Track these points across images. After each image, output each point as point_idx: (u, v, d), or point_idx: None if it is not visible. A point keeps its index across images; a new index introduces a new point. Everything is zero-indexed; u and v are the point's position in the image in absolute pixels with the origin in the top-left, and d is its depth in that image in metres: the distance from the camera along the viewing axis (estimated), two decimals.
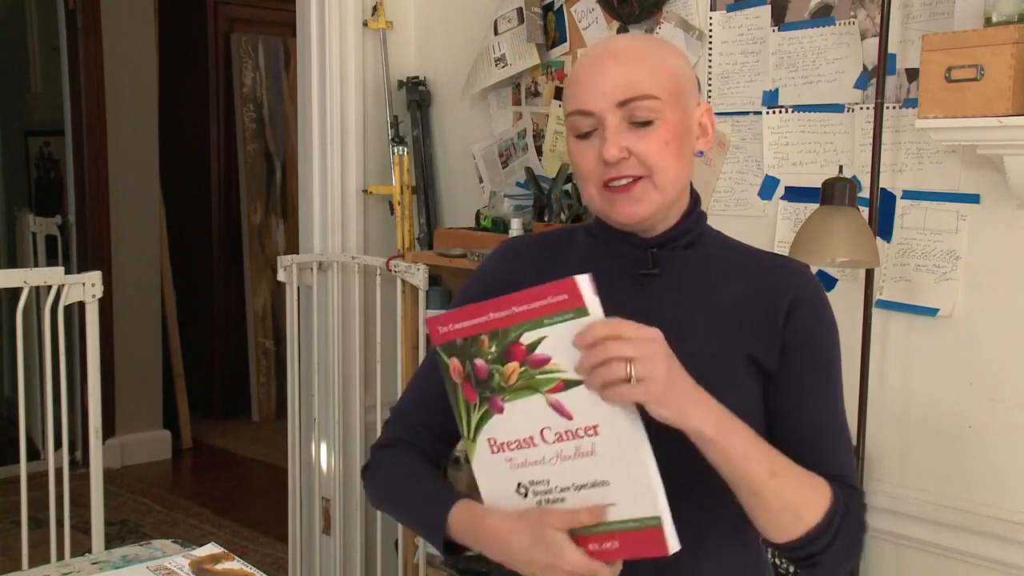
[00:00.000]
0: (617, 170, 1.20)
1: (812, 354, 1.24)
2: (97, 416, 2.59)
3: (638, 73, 1.19)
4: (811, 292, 1.26)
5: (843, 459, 1.24)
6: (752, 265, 1.29)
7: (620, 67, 1.19)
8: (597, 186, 1.22)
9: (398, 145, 2.97)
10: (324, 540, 3.05)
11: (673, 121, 1.20)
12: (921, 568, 2.04)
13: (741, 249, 1.33)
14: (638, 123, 1.19)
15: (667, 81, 1.20)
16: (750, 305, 1.24)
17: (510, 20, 2.72)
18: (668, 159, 1.20)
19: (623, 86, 1.18)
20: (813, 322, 1.25)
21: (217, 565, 1.50)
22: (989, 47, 1.67)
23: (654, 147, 1.19)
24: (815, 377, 1.24)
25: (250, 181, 5.65)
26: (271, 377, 5.76)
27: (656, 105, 1.19)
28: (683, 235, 1.28)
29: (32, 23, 5.19)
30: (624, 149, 1.19)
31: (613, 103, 1.19)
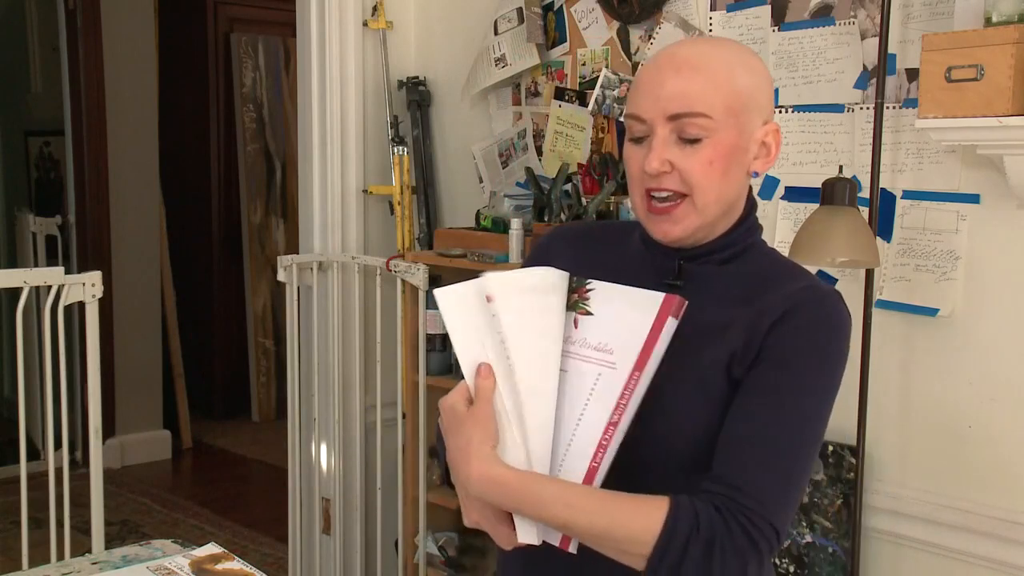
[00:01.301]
0: (658, 182, 1.18)
1: (777, 366, 1.13)
2: (97, 416, 2.59)
3: (696, 87, 1.15)
4: (805, 310, 1.16)
5: (758, 480, 1.08)
6: (773, 285, 1.20)
7: (678, 78, 1.16)
8: (640, 194, 1.20)
9: (398, 145, 2.97)
10: (324, 540, 3.05)
11: (725, 141, 1.16)
12: (921, 568, 2.04)
13: (778, 270, 1.24)
14: (687, 139, 1.16)
15: (725, 98, 1.16)
16: (746, 322, 1.17)
17: (510, 20, 2.72)
18: (711, 179, 1.17)
19: (676, 99, 1.15)
20: (791, 336, 1.14)
21: (217, 565, 1.50)
22: (989, 47, 1.67)
23: (698, 166, 1.16)
24: (768, 388, 1.13)
25: (250, 181, 5.65)
26: (271, 377, 5.76)
27: (707, 123, 1.15)
28: (721, 250, 1.23)
29: (32, 23, 5.19)
30: (667, 163, 1.16)
31: (664, 115, 1.16)
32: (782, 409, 1.12)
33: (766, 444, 1.10)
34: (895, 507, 2.06)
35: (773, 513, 1.08)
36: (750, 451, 1.10)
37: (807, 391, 1.14)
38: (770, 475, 1.09)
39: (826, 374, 1.16)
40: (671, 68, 1.17)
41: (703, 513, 1.07)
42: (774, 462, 1.10)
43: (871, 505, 2.08)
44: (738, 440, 1.11)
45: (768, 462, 1.10)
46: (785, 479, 1.10)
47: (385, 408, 2.84)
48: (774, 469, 1.10)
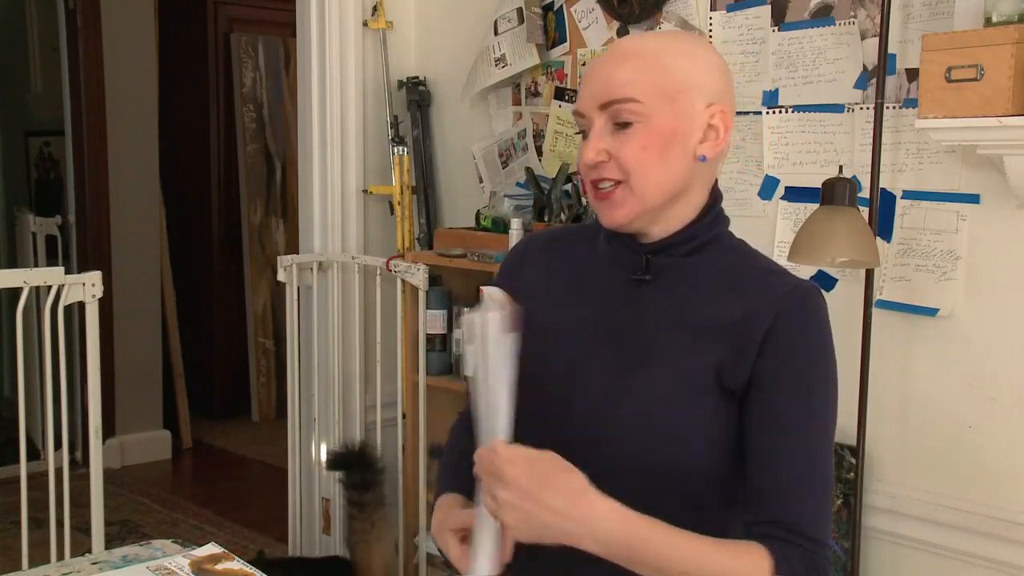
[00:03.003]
0: (597, 172, 1.19)
1: (789, 388, 1.15)
2: (97, 416, 2.59)
3: (625, 75, 1.17)
4: (795, 320, 1.16)
5: (807, 509, 1.14)
6: (750, 283, 1.20)
7: (610, 68, 1.18)
8: (589, 186, 1.22)
9: (398, 145, 2.97)
10: (324, 540, 3.05)
11: (659, 125, 1.16)
12: (921, 568, 2.04)
13: (749, 263, 1.25)
14: (619, 124, 1.17)
15: (657, 82, 1.16)
16: (734, 328, 1.16)
17: (510, 20, 2.72)
18: (645, 163, 1.17)
19: (606, 88, 1.17)
20: (794, 355, 1.15)
21: (217, 565, 1.50)
22: (989, 47, 1.67)
23: (631, 151, 1.17)
24: (788, 419, 1.15)
25: (250, 181, 5.65)
26: (271, 377, 5.76)
27: (637, 108, 1.16)
28: (685, 241, 1.23)
29: (32, 23, 5.19)
30: (603, 152, 1.18)
31: (596, 105, 1.18)
32: (810, 437, 1.16)
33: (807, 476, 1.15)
34: (895, 507, 2.06)
35: (827, 537, 1.17)
36: (798, 489, 1.15)
37: (821, 405, 1.17)
38: (817, 501, 1.16)
39: (830, 380, 1.19)
40: (606, 59, 1.20)
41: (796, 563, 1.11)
42: (818, 490, 1.16)
43: (871, 505, 2.08)
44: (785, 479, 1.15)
45: (815, 494, 1.16)
46: (826, 500, 1.18)
47: (385, 408, 2.84)
48: (818, 496, 1.16)
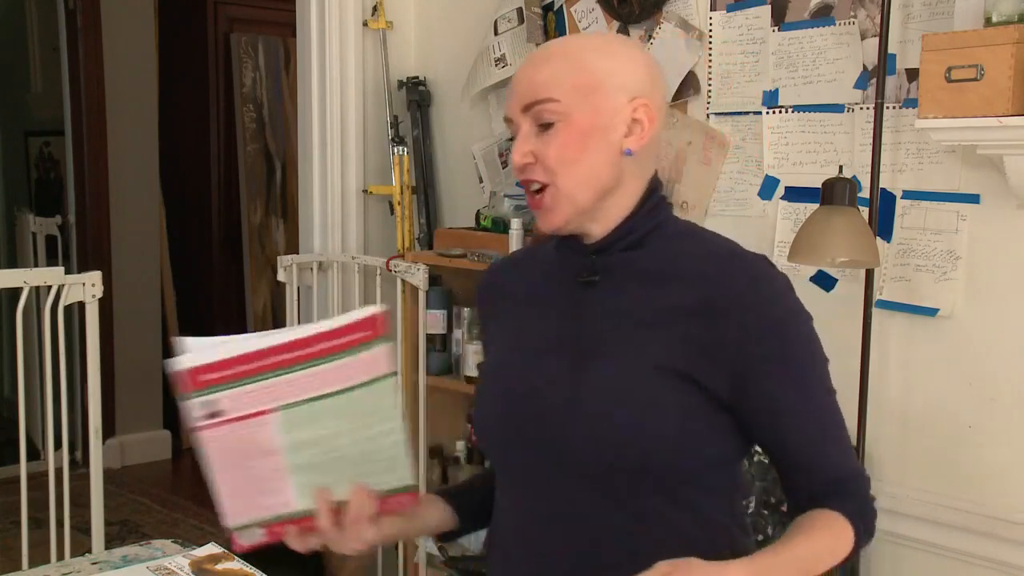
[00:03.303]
0: (525, 175, 1.21)
1: (782, 372, 1.18)
2: (97, 416, 2.59)
3: (543, 76, 1.19)
4: (757, 300, 1.17)
5: (841, 458, 1.22)
6: (702, 269, 1.20)
7: (531, 71, 1.20)
8: (524, 190, 1.24)
9: (398, 145, 2.97)
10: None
11: (579, 122, 1.18)
12: (921, 568, 2.04)
13: (700, 248, 1.24)
14: (542, 125, 1.19)
15: (574, 81, 1.18)
16: (690, 316, 1.17)
17: (510, 20, 2.72)
18: (569, 163, 1.18)
19: (527, 90, 1.19)
20: (768, 335, 1.16)
21: (217, 565, 1.50)
22: (989, 47, 1.67)
23: (554, 150, 1.18)
24: (789, 393, 1.18)
25: (250, 181, 5.64)
26: None
27: (556, 107, 1.17)
28: (625, 235, 1.23)
29: (32, 23, 5.19)
30: (529, 154, 1.19)
31: (520, 108, 1.20)
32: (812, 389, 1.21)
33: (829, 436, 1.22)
34: (895, 507, 2.06)
35: (856, 465, 1.26)
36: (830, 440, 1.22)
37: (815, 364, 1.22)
38: (843, 444, 1.23)
39: (813, 338, 1.22)
40: (527, 64, 1.22)
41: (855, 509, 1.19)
42: (839, 432, 1.24)
43: None
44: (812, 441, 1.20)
45: (839, 437, 1.23)
46: (846, 439, 1.25)
47: None
48: (840, 442, 1.24)
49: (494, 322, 1.36)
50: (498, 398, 1.27)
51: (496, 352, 1.34)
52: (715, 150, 2.34)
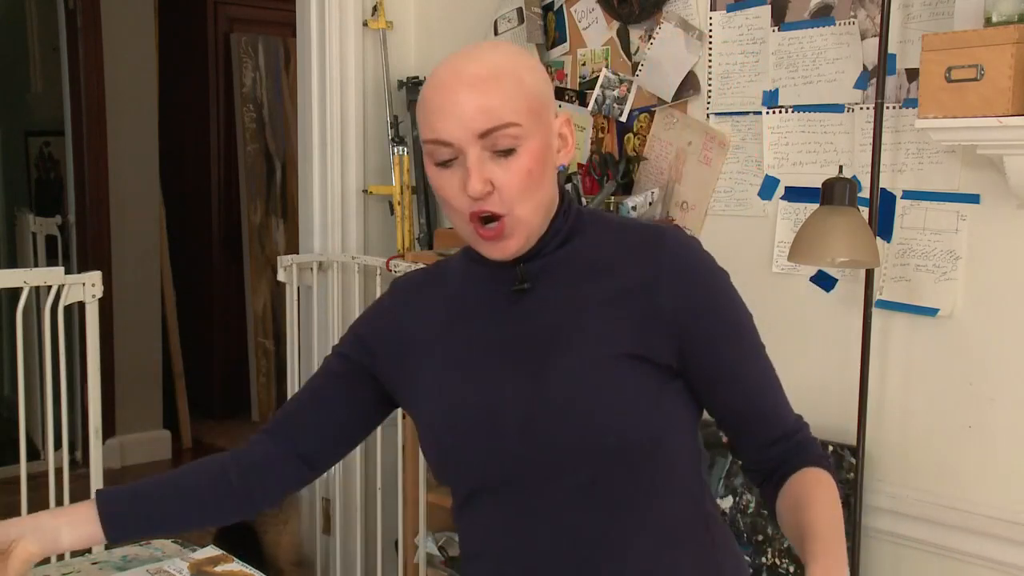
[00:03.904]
0: (480, 205, 1.14)
1: (722, 335, 1.22)
2: (97, 416, 2.59)
3: (497, 99, 1.12)
4: (681, 264, 1.20)
5: (785, 409, 1.27)
6: (624, 249, 1.22)
7: (477, 93, 1.12)
8: (464, 218, 1.17)
9: (398, 145, 2.97)
10: (324, 540, 3.05)
11: (535, 146, 1.15)
12: (921, 568, 2.04)
13: (614, 231, 1.26)
14: (500, 152, 1.13)
15: (527, 102, 1.14)
16: (626, 297, 1.19)
17: (510, 20, 2.72)
18: (531, 188, 1.15)
19: (483, 115, 1.12)
20: (707, 301, 1.21)
21: (216, 567, 1.50)
22: (989, 47, 1.67)
23: (517, 178, 1.14)
24: (735, 354, 1.23)
25: (250, 181, 5.64)
26: (271, 377, 5.76)
27: (518, 131, 1.13)
28: (553, 238, 1.23)
29: (32, 23, 5.19)
30: (488, 182, 1.13)
31: (474, 135, 1.12)
32: (749, 346, 1.25)
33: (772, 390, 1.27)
34: (895, 507, 2.06)
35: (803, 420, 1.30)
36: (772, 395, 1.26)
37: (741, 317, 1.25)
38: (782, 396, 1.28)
39: (731, 294, 1.25)
40: (463, 85, 1.13)
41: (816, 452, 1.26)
42: (780, 391, 1.28)
43: (871, 505, 2.08)
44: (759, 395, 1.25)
45: (780, 396, 1.27)
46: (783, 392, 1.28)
47: None
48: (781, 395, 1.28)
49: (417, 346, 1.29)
50: (457, 423, 1.23)
51: (431, 379, 1.27)
52: (715, 150, 2.34)
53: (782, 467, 1.25)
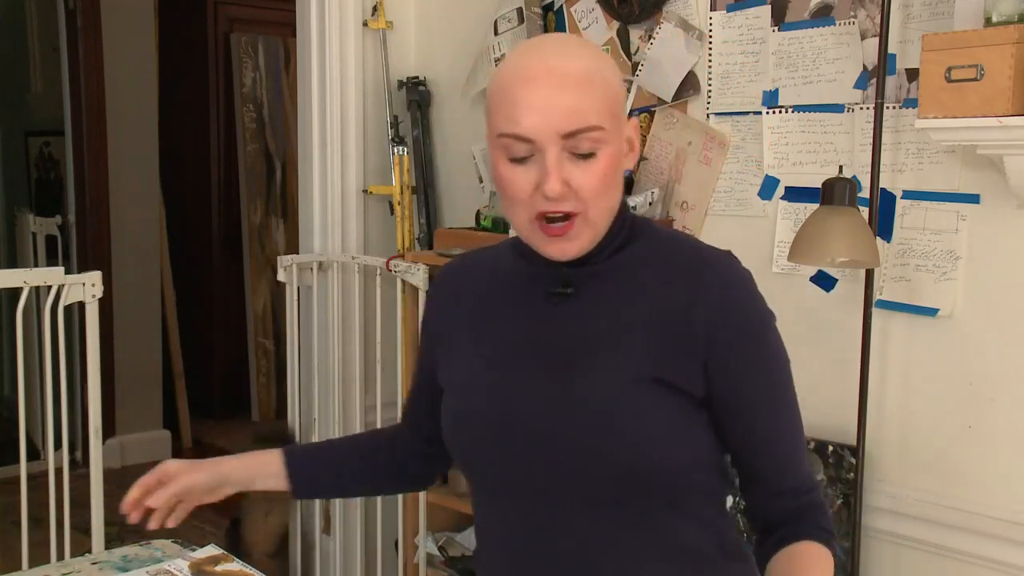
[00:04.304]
0: (555, 204, 1.12)
1: (752, 373, 1.18)
2: (97, 416, 2.59)
3: (587, 100, 1.11)
4: (726, 296, 1.17)
5: (801, 467, 1.24)
6: (670, 271, 1.20)
7: (568, 93, 1.10)
8: (530, 216, 1.15)
9: (398, 145, 2.97)
10: (324, 540, 3.05)
11: (612, 150, 1.14)
12: (921, 568, 2.04)
13: (666, 248, 1.23)
14: (580, 154, 1.12)
15: (610, 105, 1.13)
16: (664, 320, 1.16)
17: (510, 20, 2.72)
18: (605, 192, 1.14)
19: (571, 116, 1.10)
20: (743, 337, 1.17)
21: (217, 567, 1.50)
22: (989, 47, 1.67)
23: (594, 181, 1.12)
24: (761, 395, 1.20)
25: (250, 181, 5.64)
26: (271, 377, 5.76)
27: (601, 135, 1.12)
28: (606, 247, 1.21)
29: (32, 23, 5.19)
30: (566, 183, 1.11)
31: (558, 134, 1.10)
32: (784, 402, 1.22)
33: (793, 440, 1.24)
34: (895, 507, 2.06)
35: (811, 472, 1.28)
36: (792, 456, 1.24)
37: (782, 367, 1.22)
38: (803, 457, 1.26)
39: (773, 336, 1.22)
40: (555, 82, 1.11)
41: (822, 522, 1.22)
42: (800, 445, 1.26)
43: (871, 505, 2.08)
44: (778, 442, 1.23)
45: (799, 450, 1.25)
46: (804, 447, 1.27)
47: (385, 408, 2.83)
48: (802, 450, 1.26)
49: (456, 332, 1.30)
50: (474, 416, 1.23)
51: (457, 370, 1.27)
52: (715, 150, 2.34)
53: (784, 528, 1.21)
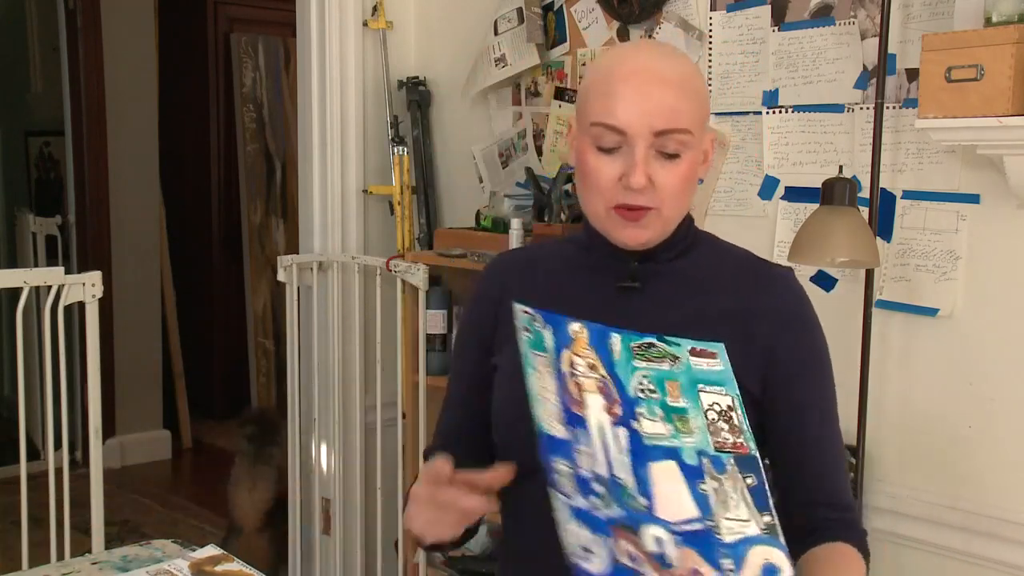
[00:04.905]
0: (634, 197, 1.18)
1: (804, 380, 1.23)
2: (97, 416, 2.59)
3: (683, 103, 1.16)
4: (794, 310, 1.24)
5: (844, 485, 1.26)
6: (732, 278, 1.26)
7: (668, 93, 1.16)
8: (608, 205, 1.20)
9: (398, 145, 2.97)
10: (324, 540, 3.05)
11: (694, 155, 1.20)
12: (921, 568, 2.04)
13: (728, 257, 1.30)
14: (666, 154, 1.17)
15: (700, 112, 1.19)
16: (724, 319, 1.21)
17: (510, 20, 2.72)
18: (682, 193, 1.20)
19: (666, 115, 1.15)
20: (800, 345, 1.23)
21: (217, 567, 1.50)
22: (989, 47, 1.67)
23: (675, 181, 1.18)
24: (811, 402, 1.23)
25: (250, 181, 5.64)
26: (271, 377, 5.76)
27: (688, 139, 1.17)
28: (671, 248, 1.26)
29: (32, 23, 5.19)
30: (649, 178, 1.17)
31: (651, 131, 1.16)
32: (828, 405, 1.25)
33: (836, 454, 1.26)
34: (895, 507, 2.06)
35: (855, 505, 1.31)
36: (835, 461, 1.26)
37: (829, 379, 1.26)
38: (845, 471, 1.27)
39: (827, 355, 1.27)
40: (656, 79, 1.16)
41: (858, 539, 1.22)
42: (842, 461, 1.27)
43: (871, 505, 2.08)
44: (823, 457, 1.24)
45: (841, 466, 1.27)
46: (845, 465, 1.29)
47: (385, 408, 2.84)
48: (843, 466, 1.27)
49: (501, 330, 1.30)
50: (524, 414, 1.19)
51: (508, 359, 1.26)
52: (715, 150, 2.34)
53: (817, 533, 1.21)
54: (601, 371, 1.06)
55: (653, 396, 1.02)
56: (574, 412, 1.07)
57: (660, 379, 1.02)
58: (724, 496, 1.00)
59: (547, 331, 1.09)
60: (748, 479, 0.99)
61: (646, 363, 1.04)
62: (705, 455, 1.00)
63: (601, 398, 1.05)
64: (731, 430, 1.00)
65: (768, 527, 0.99)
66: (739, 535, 0.99)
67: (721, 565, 1.00)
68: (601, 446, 1.06)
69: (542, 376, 1.10)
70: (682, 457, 1.01)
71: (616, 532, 1.07)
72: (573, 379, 1.07)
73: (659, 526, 1.03)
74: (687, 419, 1.01)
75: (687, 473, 1.01)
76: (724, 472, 1.00)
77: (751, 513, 0.99)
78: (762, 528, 0.99)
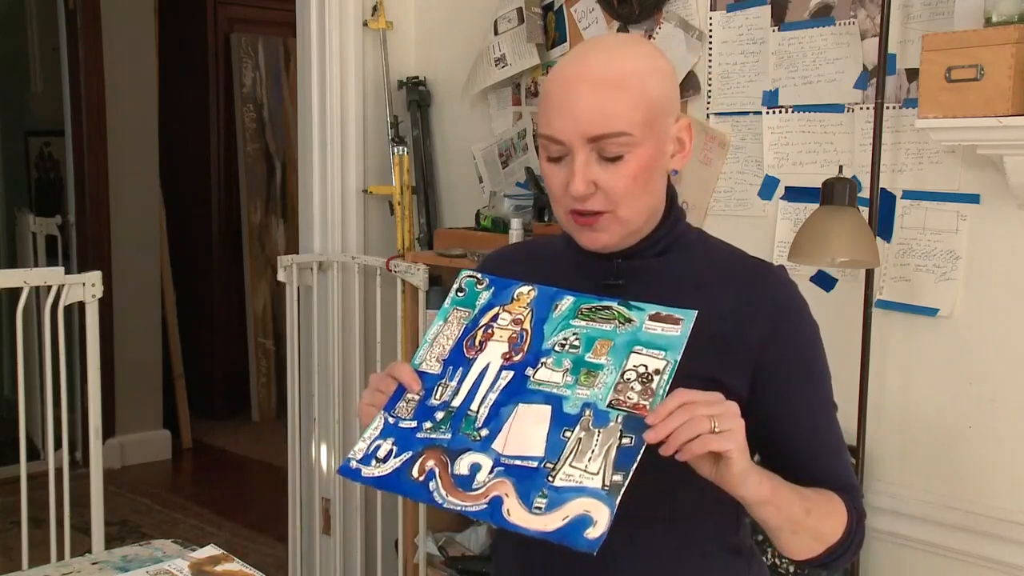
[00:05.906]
0: (582, 203, 1.17)
1: (799, 371, 1.23)
2: (97, 416, 2.59)
3: (614, 106, 1.13)
4: (785, 303, 1.23)
5: (844, 468, 1.26)
6: (726, 276, 1.24)
7: (596, 96, 1.13)
8: (564, 211, 1.20)
9: (398, 145, 2.97)
10: (324, 540, 3.05)
11: (644, 153, 1.16)
12: (921, 568, 2.04)
13: (719, 255, 1.28)
14: (608, 157, 1.15)
15: (643, 113, 1.14)
16: (715, 321, 1.18)
17: (510, 20, 2.72)
18: (635, 193, 1.17)
19: (596, 121, 1.13)
20: (793, 337, 1.22)
21: (217, 567, 1.50)
22: (989, 47, 1.67)
23: (621, 183, 1.15)
24: (805, 397, 1.23)
25: (250, 181, 5.65)
26: (271, 377, 5.76)
27: (627, 140, 1.14)
28: (654, 244, 1.24)
29: (32, 23, 5.19)
30: (591, 184, 1.15)
31: (583, 138, 1.14)
32: (823, 397, 1.26)
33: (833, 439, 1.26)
34: (895, 507, 2.06)
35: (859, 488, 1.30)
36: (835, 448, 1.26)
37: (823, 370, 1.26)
38: (845, 455, 1.28)
39: (820, 347, 1.26)
40: (587, 85, 1.14)
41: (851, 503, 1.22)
42: (841, 442, 1.28)
43: (871, 505, 2.07)
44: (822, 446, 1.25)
45: (841, 446, 1.27)
46: (846, 451, 1.29)
47: None
48: (843, 447, 1.28)
49: None
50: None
51: None
52: (715, 150, 2.34)
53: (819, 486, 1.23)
54: (524, 325, 1.16)
55: (572, 352, 1.12)
56: (464, 355, 1.17)
57: (592, 337, 1.12)
58: (584, 447, 1.05)
59: (486, 292, 1.20)
60: (625, 439, 1.04)
61: (586, 322, 1.14)
62: (592, 407, 1.07)
63: (506, 346, 1.15)
64: (643, 391, 1.06)
65: (612, 485, 1.02)
66: (574, 483, 1.03)
67: (532, 500, 1.03)
68: (472, 383, 1.14)
69: (449, 326, 1.20)
70: (562, 405, 1.08)
71: (428, 452, 1.11)
72: (486, 330, 1.17)
73: (485, 455, 1.08)
74: (596, 375, 1.09)
75: (558, 419, 1.08)
76: (604, 426, 1.05)
77: (603, 468, 1.03)
78: (605, 484, 1.02)
